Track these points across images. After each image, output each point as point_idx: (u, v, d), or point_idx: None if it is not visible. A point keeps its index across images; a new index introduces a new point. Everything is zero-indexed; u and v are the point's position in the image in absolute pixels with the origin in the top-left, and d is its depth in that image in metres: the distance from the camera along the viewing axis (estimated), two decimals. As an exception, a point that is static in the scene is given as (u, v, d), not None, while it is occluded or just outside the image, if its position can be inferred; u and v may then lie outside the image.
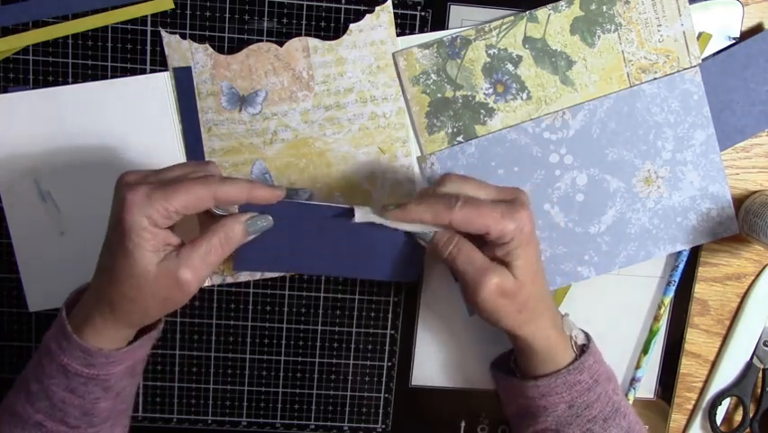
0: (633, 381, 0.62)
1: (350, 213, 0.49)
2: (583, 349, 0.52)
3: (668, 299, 0.61)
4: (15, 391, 0.48)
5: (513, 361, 0.56)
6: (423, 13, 0.56)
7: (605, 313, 0.62)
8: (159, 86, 0.55)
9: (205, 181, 0.44)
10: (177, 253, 0.44)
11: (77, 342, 0.45)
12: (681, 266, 0.60)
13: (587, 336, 0.54)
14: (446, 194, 0.49)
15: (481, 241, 0.49)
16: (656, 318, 0.61)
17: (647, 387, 0.63)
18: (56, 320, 0.48)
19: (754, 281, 0.62)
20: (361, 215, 0.49)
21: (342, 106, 0.56)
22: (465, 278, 0.48)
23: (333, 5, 0.55)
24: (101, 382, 0.47)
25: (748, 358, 0.62)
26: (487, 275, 0.48)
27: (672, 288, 0.60)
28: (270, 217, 0.48)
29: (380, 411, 0.62)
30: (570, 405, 0.50)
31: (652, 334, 0.61)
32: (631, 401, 0.62)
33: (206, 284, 0.58)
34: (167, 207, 0.43)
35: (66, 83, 0.55)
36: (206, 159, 0.56)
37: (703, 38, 0.57)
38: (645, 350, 0.62)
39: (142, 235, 0.43)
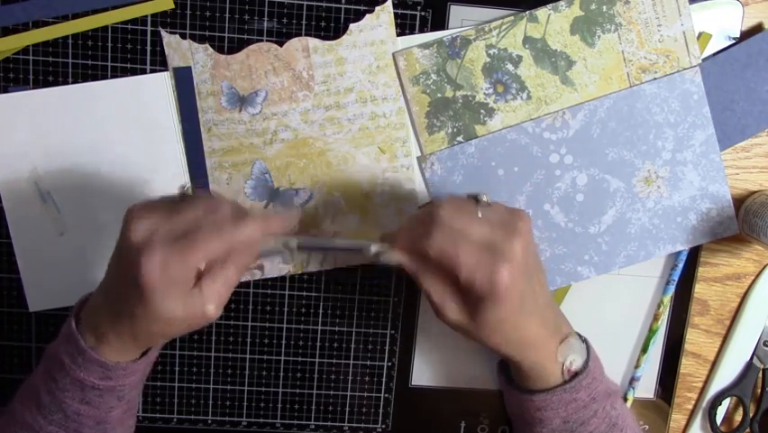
0: (632, 380, 0.62)
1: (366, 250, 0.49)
2: (577, 373, 0.50)
3: (667, 298, 0.61)
4: (24, 402, 0.48)
5: None
6: (423, 13, 0.56)
7: (605, 313, 0.62)
8: (159, 86, 0.55)
9: (220, 232, 0.43)
10: (199, 290, 0.43)
11: (94, 358, 0.45)
12: (681, 265, 0.60)
13: (588, 349, 0.52)
14: (433, 218, 0.46)
15: None
16: (656, 318, 0.61)
17: (647, 387, 0.63)
18: (64, 332, 0.47)
19: (754, 281, 0.62)
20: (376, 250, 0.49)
21: (342, 106, 0.56)
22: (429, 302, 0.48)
23: (333, 5, 0.55)
24: (116, 392, 0.47)
25: (748, 358, 0.62)
26: (442, 310, 0.47)
27: (672, 287, 0.60)
28: (282, 245, 0.48)
29: (380, 411, 0.62)
30: (564, 420, 0.50)
31: (651, 333, 0.61)
32: (630, 401, 0.62)
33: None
34: (185, 268, 0.42)
35: (66, 83, 0.55)
36: (206, 159, 0.56)
37: (703, 38, 0.57)
38: (645, 349, 0.62)
39: (168, 293, 0.42)
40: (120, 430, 0.50)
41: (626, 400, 0.62)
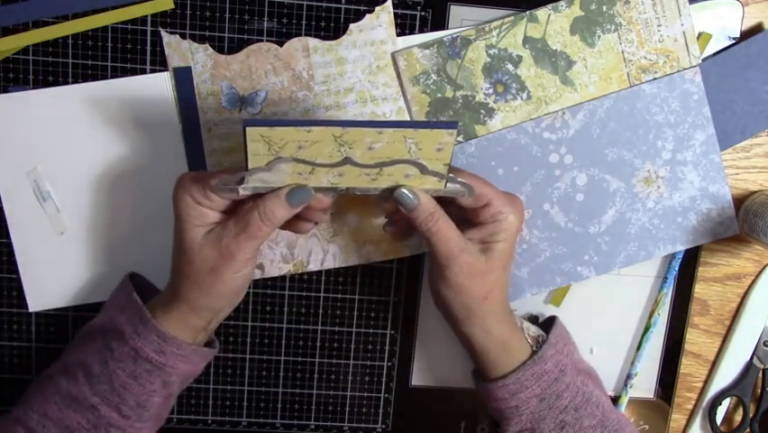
0: (627, 378, 0.62)
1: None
2: (538, 340, 0.53)
3: (661, 296, 0.61)
4: (69, 373, 0.49)
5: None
6: (423, 13, 0.56)
7: (605, 313, 0.62)
8: (159, 86, 0.55)
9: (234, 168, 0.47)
10: (222, 227, 0.47)
11: (154, 326, 0.48)
12: (675, 264, 0.60)
13: (548, 330, 0.55)
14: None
15: (466, 225, 0.51)
16: (650, 315, 0.61)
17: (647, 387, 0.63)
18: (126, 304, 0.50)
19: (754, 281, 0.62)
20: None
21: (342, 106, 0.56)
22: (438, 254, 0.49)
23: (333, 5, 0.55)
24: (164, 375, 0.49)
25: (748, 358, 0.62)
26: (460, 253, 0.49)
27: (666, 285, 0.60)
28: (311, 188, 0.47)
29: (380, 411, 0.62)
30: (540, 398, 0.51)
31: (645, 330, 0.61)
32: (626, 400, 0.62)
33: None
34: (205, 185, 0.46)
35: (66, 83, 0.55)
36: (206, 159, 0.56)
37: (703, 38, 0.57)
38: (639, 347, 0.62)
39: (188, 212, 0.47)
40: (152, 427, 0.51)
41: (617, 399, 0.62)
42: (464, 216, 0.51)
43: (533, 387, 0.51)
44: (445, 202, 0.49)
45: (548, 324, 0.57)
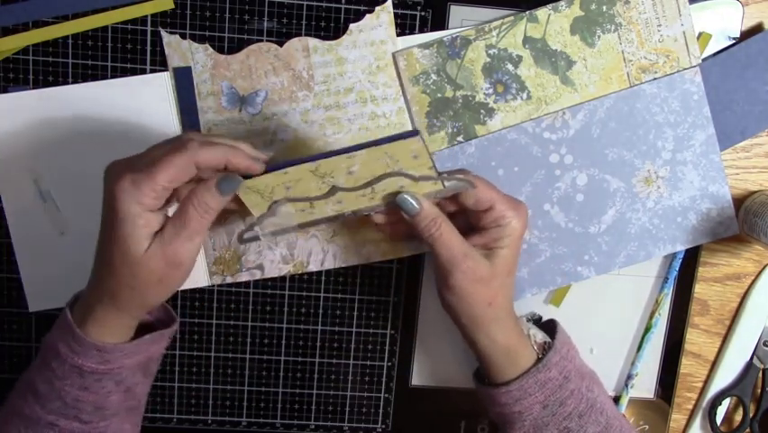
0: (628, 378, 0.62)
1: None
2: (545, 346, 0.53)
3: (661, 296, 0.61)
4: (20, 394, 0.48)
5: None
6: (423, 13, 0.56)
7: (605, 313, 0.62)
8: (159, 86, 0.55)
9: (184, 150, 0.44)
10: (160, 238, 0.45)
11: (89, 342, 0.46)
12: (675, 264, 0.60)
13: (551, 334, 0.54)
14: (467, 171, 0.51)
15: (469, 232, 0.50)
16: (650, 315, 0.61)
17: (647, 387, 0.63)
18: (59, 322, 0.48)
19: (754, 281, 0.62)
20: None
21: (342, 106, 0.56)
22: (441, 260, 0.49)
23: (333, 5, 0.55)
24: (114, 376, 0.47)
25: (748, 358, 0.62)
26: (463, 258, 0.49)
27: (666, 285, 0.60)
28: (238, 176, 0.45)
29: (380, 411, 0.62)
30: (544, 405, 0.51)
31: (646, 330, 0.61)
32: (626, 400, 0.62)
33: (206, 284, 0.58)
34: (153, 186, 0.43)
35: (66, 83, 0.55)
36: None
37: (703, 38, 0.57)
38: (639, 347, 0.62)
39: (137, 222, 0.44)
40: (122, 419, 0.50)
41: (618, 399, 0.62)
42: (468, 224, 0.51)
43: (536, 394, 0.50)
44: (449, 211, 0.49)
45: (548, 327, 0.56)
